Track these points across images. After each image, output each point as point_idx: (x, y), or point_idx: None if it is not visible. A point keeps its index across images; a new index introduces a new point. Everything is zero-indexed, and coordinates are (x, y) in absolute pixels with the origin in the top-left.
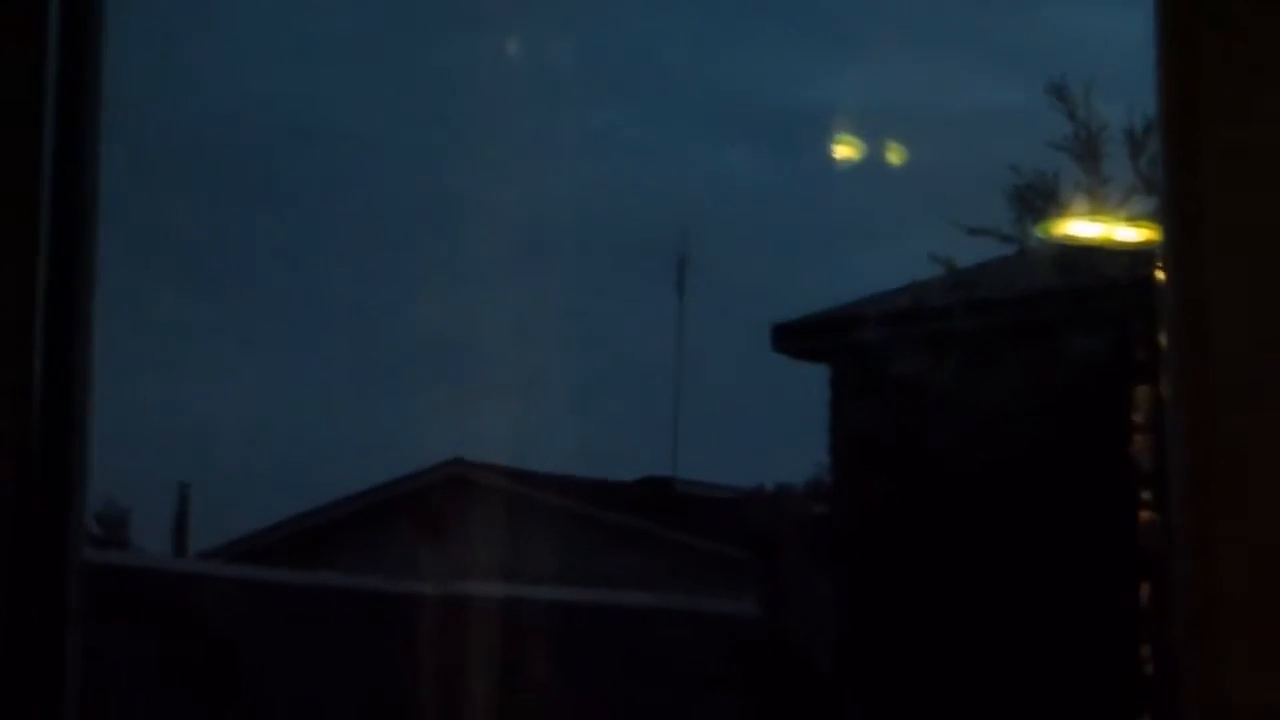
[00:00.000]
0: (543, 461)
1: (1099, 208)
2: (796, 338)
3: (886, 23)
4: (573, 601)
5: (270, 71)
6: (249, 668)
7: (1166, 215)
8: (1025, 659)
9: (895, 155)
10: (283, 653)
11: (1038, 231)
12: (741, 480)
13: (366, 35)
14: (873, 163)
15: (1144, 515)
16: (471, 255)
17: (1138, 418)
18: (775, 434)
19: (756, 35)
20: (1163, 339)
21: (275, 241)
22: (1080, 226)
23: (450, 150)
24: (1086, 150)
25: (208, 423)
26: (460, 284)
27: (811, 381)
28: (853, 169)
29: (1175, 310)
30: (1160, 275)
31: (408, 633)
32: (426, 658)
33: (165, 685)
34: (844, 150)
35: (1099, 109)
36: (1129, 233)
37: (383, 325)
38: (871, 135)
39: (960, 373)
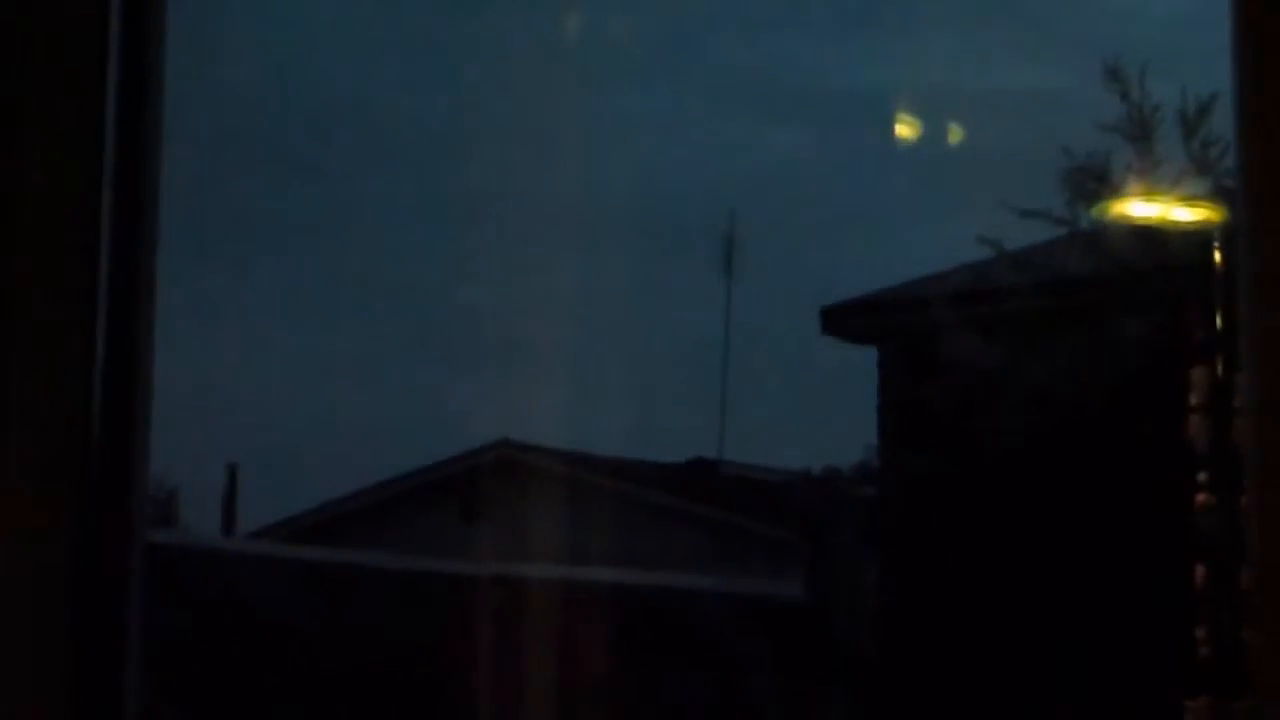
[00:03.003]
0: (590, 442)
1: (1152, 189)
2: (845, 319)
3: (935, 3)
4: (620, 583)
5: (323, 51)
6: (297, 646)
7: (1241, 186)
8: (1077, 643)
9: (945, 136)
10: (331, 632)
11: (1093, 212)
12: (789, 462)
13: (418, 16)
14: (921, 144)
15: (1200, 498)
16: (520, 237)
17: (1194, 400)
18: (823, 416)
19: (804, 17)
20: (1219, 320)
21: (325, 220)
22: (1136, 207)
23: (500, 133)
24: (1139, 132)
25: (256, 402)
26: (509, 266)
27: (860, 364)
28: (901, 150)
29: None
30: (1218, 256)
31: (455, 613)
32: (473, 637)
33: (212, 663)
34: (899, 131)
35: (1152, 90)
36: (1185, 213)
37: (433, 306)
38: (920, 116)
39: (1010, 355)
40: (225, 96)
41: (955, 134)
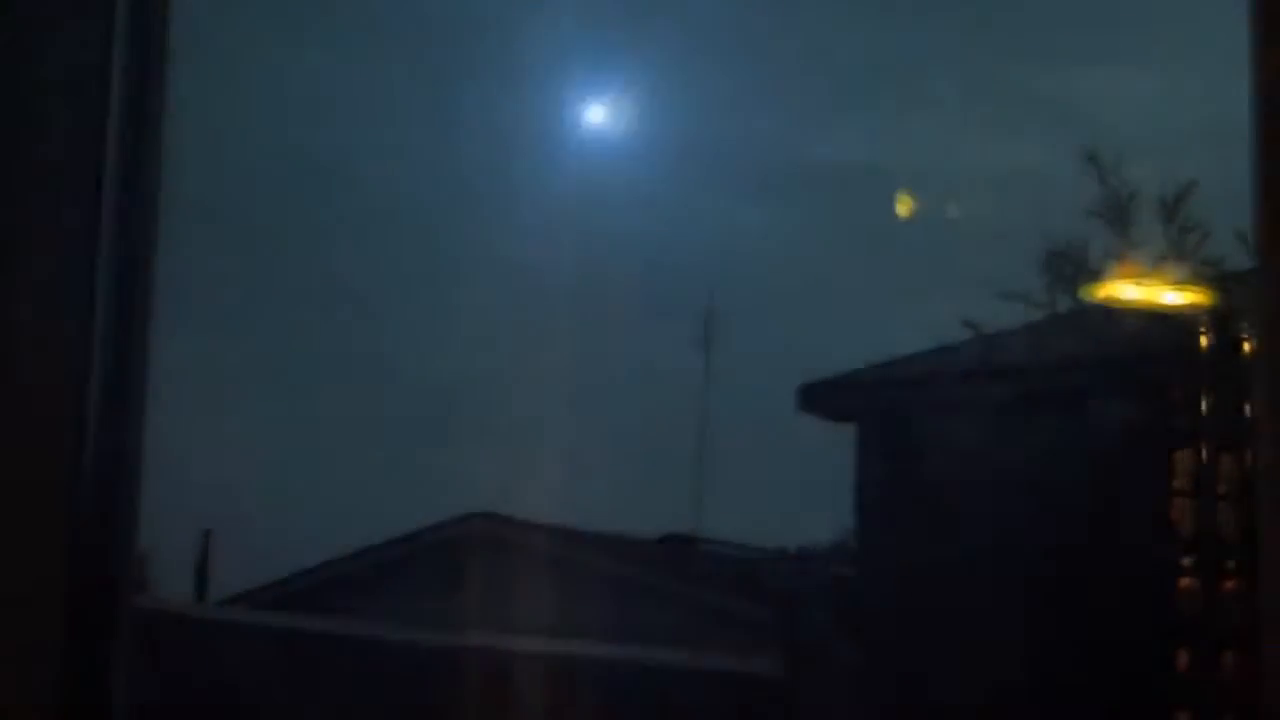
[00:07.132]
0: (565, 516)
1: (1131, 273)
2: (823, 398)
3: (916, 82)
4: (593, 656)
5: (300, 121)
6: (269, 716)
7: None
8: None
9: (927, 214)
10: (304, 702)
11: (1079, 294)
12: (765, 540)
13: (389, 85)
14: (902, 222)
15: (1183, 582)
16: (496, 309)
17: (1178, 483)
18: (800, 494)
19: (784, 94)
20: (1204, 404)
21: (298, 291)
22: (1124, 290)
23: (476, 205)
24: (1117, 216)
25: (230, 468)
26: (485, 337)
27: (838, 442)
28: (882, 228)
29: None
30: (1204, 340)
31: (429, 683)
32: (445, 708)
33: None
34: (881, 209)
35: (1130, 174)
36: (1173, 296)
37: (407, 376)
38: (902, 195)
39: (990, 437)
40: (194, 164)
41: (937, 212)
